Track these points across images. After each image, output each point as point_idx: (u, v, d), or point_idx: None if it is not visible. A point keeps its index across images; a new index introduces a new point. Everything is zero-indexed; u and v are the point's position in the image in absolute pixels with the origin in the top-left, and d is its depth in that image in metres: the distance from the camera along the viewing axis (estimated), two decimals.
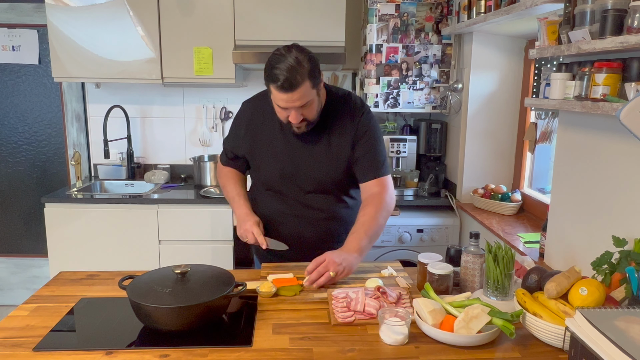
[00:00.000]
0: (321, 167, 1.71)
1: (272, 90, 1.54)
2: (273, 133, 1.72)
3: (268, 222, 1.79)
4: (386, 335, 1.19)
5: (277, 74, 1.49)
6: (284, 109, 1.56)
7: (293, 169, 1.71)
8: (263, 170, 1.76)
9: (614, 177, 1.49)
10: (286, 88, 1.49)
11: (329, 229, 1.79)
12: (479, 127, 2.80)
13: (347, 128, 1.70)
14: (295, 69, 1.49)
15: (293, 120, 1.58)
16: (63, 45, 2.80)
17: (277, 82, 1.49)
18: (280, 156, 1.72)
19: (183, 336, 1.20)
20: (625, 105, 1.17)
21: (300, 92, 1.51)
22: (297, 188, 1.74)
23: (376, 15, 2.82)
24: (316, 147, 1.70)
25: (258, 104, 1.78)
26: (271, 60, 1.53)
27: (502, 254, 1.34)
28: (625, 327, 0.96)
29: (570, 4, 1.51)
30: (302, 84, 1.50)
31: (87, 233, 2.73)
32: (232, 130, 1.84)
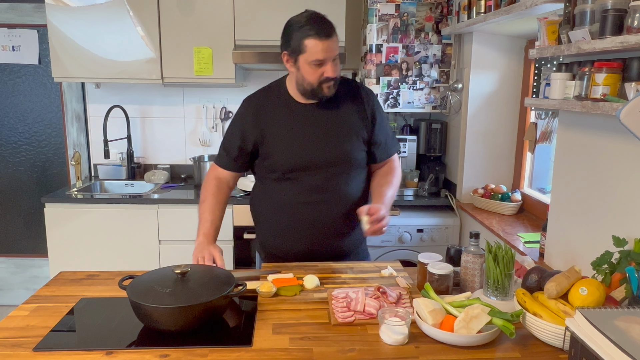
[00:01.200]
0: (336, 143, 1.71)
1: (309, 44, 1.57)
2: (283, 119, 1.72)
3: (282, 213, 1.76)
4: (386, 335, 1.19)
5: (311, 26, 1.56)
6: (320, 64, 1.59)
7: (308, 149, 1.70)
8: (277, 156, 1.72)
9: (614, 177, 1.49)
10: (326, 34, 1.57)
11: (344, 214, 1.76)
12: (479, 127, 2.80)
13: (357, 105, 1.75)
14: (324, 18, 1.60)
15: (330, 73, 1.61)
16: (63, 45, 2.81)
17: (314, 32, 1.56)
18: (294, 139, 1.71)
19: (183, 336, 1.20)
20: (625, 105, 1.17)
21: (335, 39, 1.61)
22: (311, 171, 1.71)
23: (376, 15, 2.82)
24: (329, 125, 1.72)
25: (263, 96, 1.79)
26: (295, 24, 1.61)
27: (502, 254, 1.34)
28: (625, 327, 0.96)
29: (570, 4, 1.51)
30: (334, 32, 1.61)
31: (87, 233, 2.73)
32: (235, 127, 1.81)
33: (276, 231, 1.79)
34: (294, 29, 1.60)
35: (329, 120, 1.72)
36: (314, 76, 1.62)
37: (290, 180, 1.73)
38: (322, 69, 1.60)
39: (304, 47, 1.58)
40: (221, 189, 1.83)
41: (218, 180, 1.84)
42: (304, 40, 1.57)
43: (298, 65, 1.63)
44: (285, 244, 1.79)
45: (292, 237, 1.77)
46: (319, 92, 1.66)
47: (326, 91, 1.66)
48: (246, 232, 2.74)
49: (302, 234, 1.74)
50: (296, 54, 1.61)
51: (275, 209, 1.78)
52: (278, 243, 1.80)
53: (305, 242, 1.76)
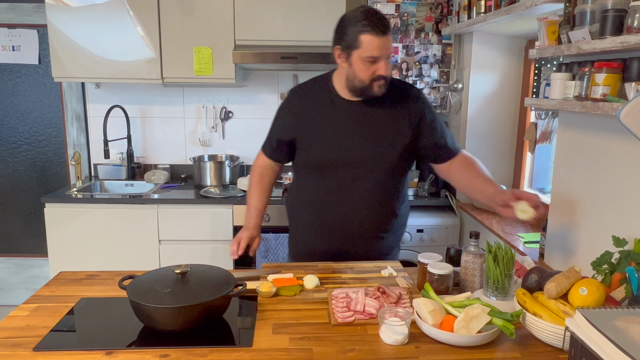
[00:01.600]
0: (374, 143, 1.69)
1: (365, 40, 1.54)
2: (325, 113, 1.71)
3: (313, 210, 1.76)
4: (386, 335, 1.19)
5: (368, 22, 1.53)
6: (374, 61, 1.57)
7: (345, 145, 1.68)
8: (313, 149, 1.71)
9: (614, 177, 1.49)
10: (383, 31, 1.54)
11: (376, 219, 1.75)
12: (479, 127, 2.80)
13: (406, 110, 1.71)
14: (381, 14, 1.58)
15: (383, 71, 1.59)
16: (63, 45, 2.80)
17: (371, 28, 1.53)
18: (332, 134, 1.69)
19: (183, 336, 1.20)
20: (625, 105, 1.17)
21: (390, 37, 1.58)
22: (348, 168, 1.69)
23: None
24: (370, 124, 1.69)
25: (308, 88, 1.78)
26: (352, 18, 1.57)
27: (502, 254, 1.34)
28: (625, 327, 0.96)
29: (570, 4, 1.51)
30: (390, 30, 1.58)
31: (87, 233, 2.73)
32: (278, 118, 1.81)
33: (306, 228, 1.79)
34: (349, 24, 1.56)
35: (371, 120, 1.69)
36: (367, 73, 1.59)
37: (324, 176, 1.72)
38: (375, 67, 1.58)
39: (360, 43, 1.55)
40: (264, 175, 1.88)
41: (262, 167, 1.88)
42: (360, 36, 1.54)
43: (351, 60, 1.60)
44: (314, 242, 1.78)
45: (322, 236, 1.76)
46: (369, 90, 1.63)
47: (376, 89, 1.63)
48: None
49: (331, 233, 1.74)
50: (350, 49, 1.58)
51: (306, 205, 1.77)
52: (308, 241, 1.80)
53: (334, 242, 1.75)
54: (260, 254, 2.71)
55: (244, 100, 3.27)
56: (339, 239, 1.75)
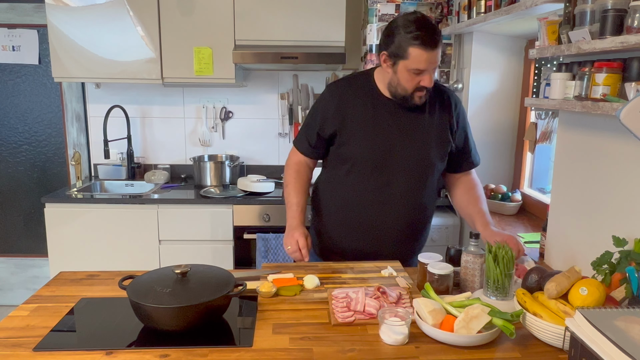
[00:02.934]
0: (416, 144, 1.68)
1: (413, 52, 1.52)
2: (367, 109, 1.69)
3: (346, 209, 1.75)
4: (386, 335, 1.19)
5: (420, 34, 1.50)
6: (419, 73, 1.56)
7: (386, 143, 1.67)
8: (353, 145, 1.69)
9: (614, 177, 1.49)
10: (432, 45, 1.52)
11: (410, 222, 1.75)
12: (479, 127, 2.79)
13: (445, 114, 1.73)
14: (433, 26, 1.55)
15: (427, 83, 1.58)
16: (63, 45, 2.81)
17: (421, 42, 1.50)
18: (374, 130, 1.67)
19: (183, 336, 1.20)
20: (625, 105, 1.17)
21: (440, 50, 1.56)
22: (385, 167, 1.68)
23: (376, 15, 2.81)
24: (413, 127, 1.68)
25: (348, 84, 1.75)
26: (400, 26, 1.54)
27: (502, 254, 1.34)
28: (625, 327, 0.96)
29: (570, 4, 1.51)
30: (440, 43, 1.56)
31: (87, 233, 2.73)
32: (316, 112, 1.77)
33: (337, 225, 1.78)
34: (400, 32, 1.53)
35: (413, 120, 1.69)
36: (411, 83, 1.59)
37: (361, 174, 1.70)
38: (420, 78, 1.57)
39: (408, 54, 1.54)
40: (301, 172, 1.85)
41: (298, 164, 1.85)
42: (409, 47, 1.52)
43: (396, 69, 1.59)
44: (345, 240, 1.78)
45: (354, 235, 1.76)
46: (410, 99, 1.63)
47: (417, 100, 1.63)
48: (246, 232, 2.74)
49: (364, 233, 1.74)
50: (397, 58, 1.57)
51: (340, 203, 1.76)
52: (338, 238, 1.79)
53: (366, 242, 1.75)
54: (260, 254, 2.71)
55: (244, 100, 3.27)
56: (371, 239, 1.74)
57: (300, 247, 1.68)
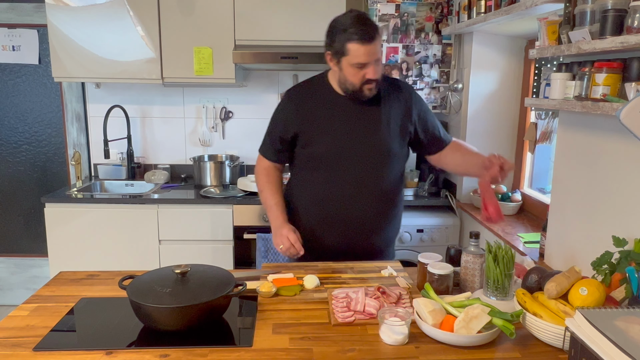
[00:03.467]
0: (376, 135, 1.74)
1: (352, 48, 1.59)
2: (326, 109, 1.75)
3: (316, 207, 1.78)
4: (386, 335, 1.19)
5: (354, 30, 1.58)
6: (362, 66, 1.62)
7: (348, 138, 1.73)
8: (317, 144, 1.75)
9: (614, 177, 1.49)
10: (368, 39, 1.58)
11: (379, 209, 1.79)
12: (479, 127, 2.79)
13: (401, 104, 1.78)
14: (369, 21, 1.61)
15: (372, 75, 1.63)
16: (63, 45, 2.81)
17: (357, 37, 1.57)
18: (335, 128, 1.73)
19: (183, 336, 1.20)
20: (625, 105, 1.17)
21: (377, 42, 1.62)
22: (350, 161, 1.73)
23: (376, 15, 2.82)
24: (371, 119, 1.75)
25: (305, 87, 1.82)
26: (338, 25, 1.63)
27: (502, 254, 1.34)
28: (625, 327, 0.96)
29: (570, 4, 1.51)
30: (377, 35, 1.62)
31: (87, 233, 2.73)
32: (277, 118, 1.83)
33: (311, 224, 1.81)
34: (338, 31, 1.62)
35: (369, 114, 1.75)
36: (356, 77, 1.65)
37: (329, 170, 1.75)
38: (364, 71, 1.63)
39: (347, 50, 1.60)
40: (271, 175, 1.89)
41: (267, 169, 1.89)
42: (347, 44, 1.60)
43: (341, 66, 1.66)
44: (319, 237, 1.80)
45: (327, 230, 1.78)
46: (360, 93, 1.69)
47: (367, 92, 1.69)
48: (246, 232, 2.74)
49: (336, 226, 1.77)
50: (339, 56, 1.64)
51: (310, 202, 1.79)
52: (312, 237, 1.81)
53: (339, 237, 1.78)
54: (260, 254, 2.71)
55: (244, 100, 3.27)
56: (343, 231, 1.77)
57: (292, 242, 1.71)
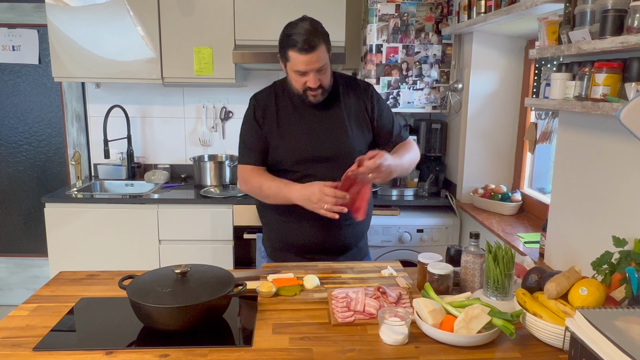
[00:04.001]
0: (339, 137, 1.76)
1: (292, 55, 1.62)
2: (289, 113, 1.77)
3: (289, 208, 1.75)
4: (386, 335, 1.19)
5: (295, 38, 1.59)
6: (303, 74, 1.64)
7: (312, 142, 1.74)
8: (282, 150, 1.76)
9: (614, 177, 1.49)
10: (306, 49, 1.59)
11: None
12: (479, 127, 2.79)
13: (360, 103, 1.80)
14: (312, 32, 1.60)
15: (312, 84, 1.65)
16: (63, 45, 2.81)
17: (297, 45, 1.59)
18: (299, 132, 1.75)
19: (183, 336, 1.20)
20: (625, 105, 1.17)
21: (318, 53, 1.61)
22: (315, 164, 1.74)
23: (376, 15, 2.82)
24: (333, 119, 1.77)
25: (269, 92, 1.83)
26: (286, 30, 1.66)
27: (502, 254, 1.34)
28: (625, 327, 0.96)
29: (570, 4, 1.51)
30: (319, 46, 1.61)
31: (87, 233, 2.73)
32: (249, 124, 1.80)
33: (280, 225, 1.82)
34: (284, 36, 1.64)
35: (331, 115, 1.77)
36: (298, 83, 1.68)
37: (295, 173, 1.75)
38: (305, 79, 1.65)
39: (288, 57, 1.63)
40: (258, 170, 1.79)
41: (252, 171, 1.78)
42: (288, 51, 1.62)
43: (286, 70, 1.70)
44: (288, 238, 1.81)
45: (297, 231, 1.79)
46: (304, 98, 1.72)
47: (311, 99, 1.71)
48: (246, 232, 2.74)
49: (309, 228, 1.76)
50: (284, 60, 1.68)
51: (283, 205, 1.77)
52: (282, 236, 1.83)
53: (309, 236, 1.78)
54: (260, 254, 2.71)
55: (244, 100, 3.24)
56: (313, 230, 1.76)
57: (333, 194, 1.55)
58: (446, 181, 3.09)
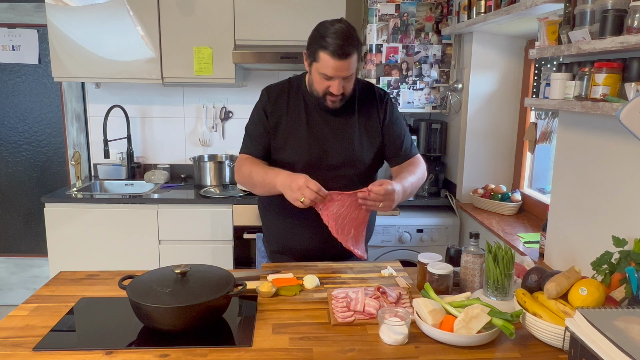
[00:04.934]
0: (348, 145, 1.71)
1: (322, 57, 1.55)
2: (299, 113, 1.72)
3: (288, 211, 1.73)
4: (386, 335, 1.19)
5: (330, 41, 1.52)
6: (329, 78, 1.59)
7: (320, 147, 1.70)
8: (288, 151, 1.72)
9: (614, 177, 1.49)
10: (340, 55, 1.53)
11: None
12: (479, 127, 2.80)
13: (373, 112, 1.75)
14: (348, 37, 1.54)
15: (335, 90, 1.60)
16: (63, 45, 2.80)
17: (330, 49, 1.53)
18: (307, 136, 1.70)
19: (183, 336, 1.20)
20: (625, 105, 1.17)
21: (350, 61, 1.56)
22: (321, 170, 1.70)
23: (376, 15, 2.82)
24: (344, 126, 1.72)
25: (282, 87, 1.77)
26: (320, 29, 1.57)
27: (502, 254, 1.34)
28: (625, 327, 0.96)
29: (570, 4, 1.51)
30: (353, 54, 1.56)
31: (87, 233, 2.73)
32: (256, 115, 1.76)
33: (280, 228, 1.80)
34: (317, 35, 1.57)
35: (343, 122, 1.72)
36: (321, 86, 1.63)
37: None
38: (329, 83, 1.60)
39: (318, 57, 1.57)
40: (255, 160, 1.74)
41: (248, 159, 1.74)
42: (319, 51, 1.56)
43: (311, 69, 1.64)
44: (288, 241, 1.80)
45: (296, 235, 1.77)
46: (322, 101, 1.67)
47: (329, 104, 1.66)
48: (246, 232, 2.74)
49: (309, 233, 1.74)
50: (311, 59, 1.62)
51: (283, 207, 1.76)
52: (281, 240, 1.82)
53: (308, 241, 1.76)
54: (260, 253, 2.71)
55: (244, 100, 3.27)
56: (318, 238, 1.74)
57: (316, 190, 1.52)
58: (446, 181, 3.09)
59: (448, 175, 3.09)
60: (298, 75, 1.80)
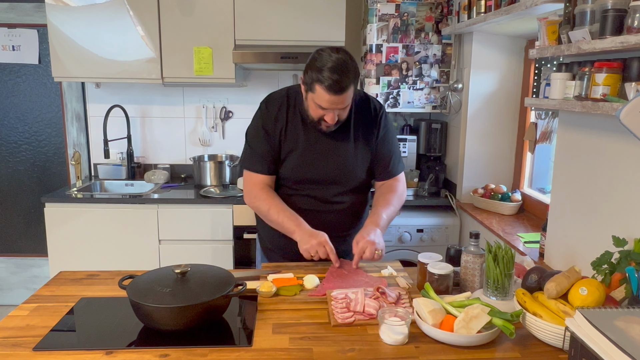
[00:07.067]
0: (344, 161, 1.73)
1: (318, 90, 1.54)
2: (298, 130, 1.72)
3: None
4: (386, 335, 1.19)
5: (327, 75, 1.50)
6: (324, 109, 1.58)
7: (315, 164, 1.72)
8: (286, 167, 1.73)
9: (614, 177, 1.49)
10: (335, 90, 1.52)
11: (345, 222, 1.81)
12: (479, 127, 2.80)
13: (368, 127, 1.76)
14: (344, 71, 1.52)
15: (330, 120, 1.61)
16: (63, 45, 2.80)
17: (326, 84, 1.51)
18: (306, 151, 1.71)
19: (183, 336, 1.20)
20: (625, 105, 1.17)
21: (346, 95, 1.55)
22: (315, 186, 1.73)
23: (376, 15, 2.82)
24: (340, 144, 1.73)
25: (283, 98, 1.75)
26: (318, 60, 1.54)
27: (502, 254, 1.34)
28: (625, 327, 0.96)
29: (570, 4, 1.51)
30: (349, 88, 1.55)
31: (87, 233, 2.73)
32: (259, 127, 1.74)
33: (278, 238, 1.79)
34: (314, 66, 1.54)
35: (339, 137, 1.72)
36: (315, 114, 1.63)
37: (292, 190, 1.76)
38: (324, 112, 1.60)
39: (314, 89, 1.56)
40: (270, 191, 1.76)
41: (261, 185, 1.75)
42: (315, 84, 1.54)
43: (307, 95, 1.63)
44: (282, 241, 1.79)
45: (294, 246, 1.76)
46: (316, 125, 1.67)
47: (324, 128, 1.67)
48: (246, 232, 2.74)
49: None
50: (307, 87, 1.60)
51: None
52: (279, 242, 1.81)
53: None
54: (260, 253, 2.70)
55: (244, 100, 3.27)
56: None
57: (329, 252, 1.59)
58: (446, 181, 3.09)
59: (448, 175, 3.09)
60: (296, 87, 1.78)
